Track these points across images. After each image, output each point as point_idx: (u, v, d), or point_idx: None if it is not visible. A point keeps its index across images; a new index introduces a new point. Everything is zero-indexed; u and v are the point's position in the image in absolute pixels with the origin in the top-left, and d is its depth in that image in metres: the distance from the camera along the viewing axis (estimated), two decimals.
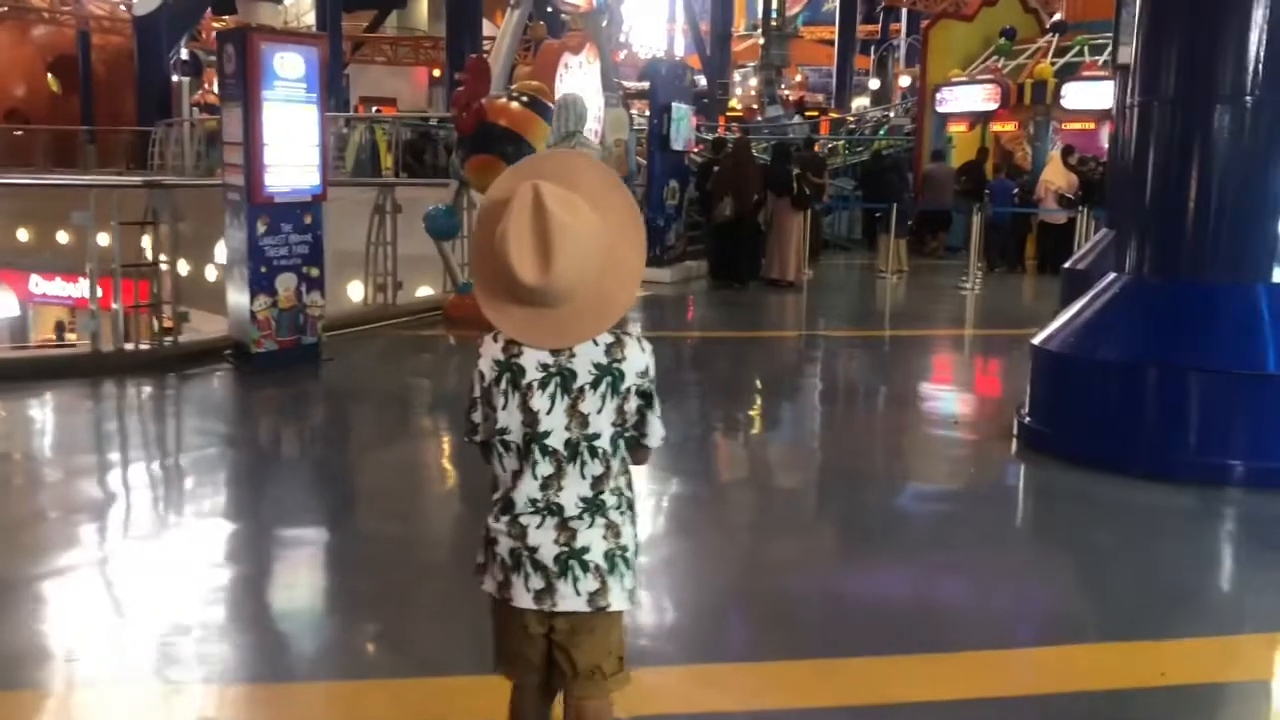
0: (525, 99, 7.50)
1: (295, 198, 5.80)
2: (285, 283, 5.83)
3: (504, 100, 7.50)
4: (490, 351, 1.78)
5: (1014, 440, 5.05)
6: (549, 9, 13.07)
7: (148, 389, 5.78)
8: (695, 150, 14.06)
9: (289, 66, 5.56)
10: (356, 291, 8.12)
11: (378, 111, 23.93)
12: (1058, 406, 4.84)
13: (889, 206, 12.36)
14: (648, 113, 12.32)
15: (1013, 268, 13.44)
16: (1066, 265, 9.04)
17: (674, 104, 11.43)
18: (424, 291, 8.76)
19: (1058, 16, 16.98)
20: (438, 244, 7.88)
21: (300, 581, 3.48)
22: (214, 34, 24.20)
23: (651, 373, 1.82)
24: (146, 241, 6.21)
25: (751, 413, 6.13)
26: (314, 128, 5.77)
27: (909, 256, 12.97)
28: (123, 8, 25.55)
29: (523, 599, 1.78)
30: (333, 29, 22.42)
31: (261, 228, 5.66)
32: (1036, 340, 4.99)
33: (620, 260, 1.74)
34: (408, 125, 16.61)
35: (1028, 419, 4.96)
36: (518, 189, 1.67)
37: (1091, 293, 4.94)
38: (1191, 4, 4.60)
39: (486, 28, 23.06)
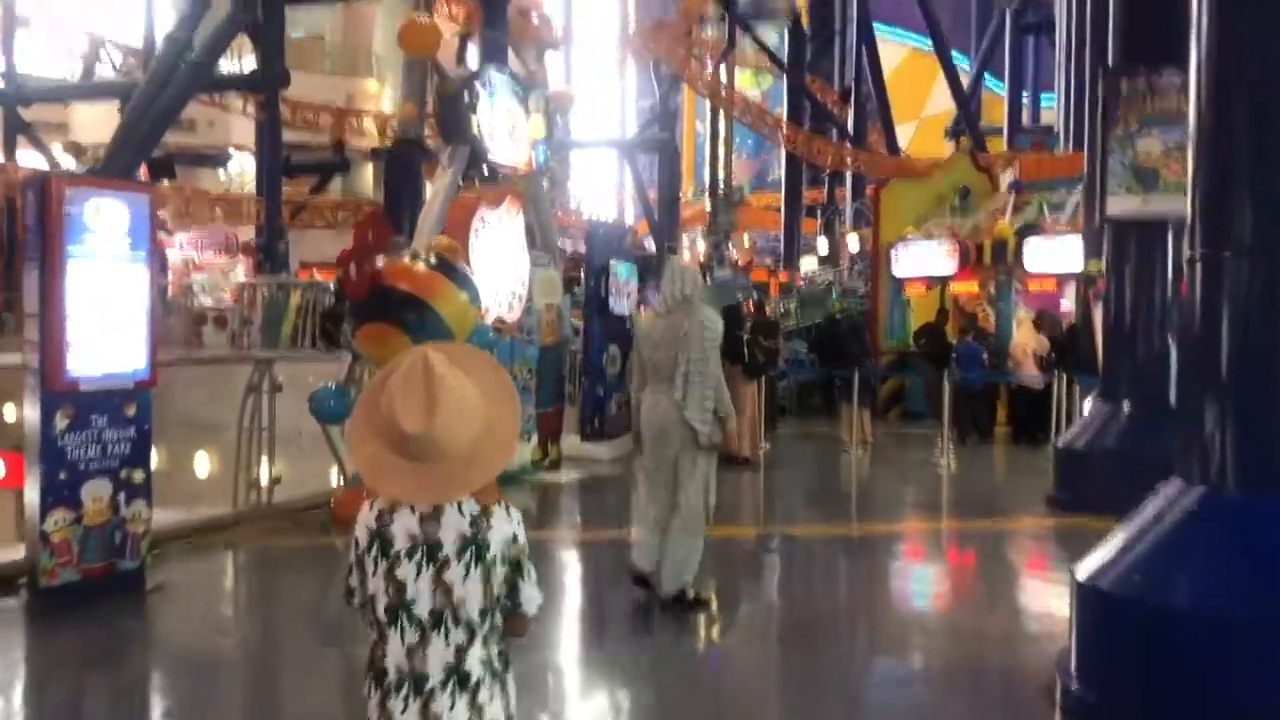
0: (432, 259, 6.36)
1: (111, 384, 4.55)
2: (95, 492, 4.51)
3: (406, 261, 6.35)
4: (364, 519, 1.90)
5: (1057, 713, 3.74)
6: (485, 169, 12.26)
7: None
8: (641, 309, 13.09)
9: (107, 218, 4.40)
10: (222, 489, 6.77)
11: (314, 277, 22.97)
12: (1118, 670, 3.55)
13: (849, 373, 11.34)
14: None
15: (985, 438, 12.39)
16: (1061, 444, 7.94)
17: (613, 262, 10.45)
18: (306, 487, 7.40)
19: (1011, 175, 16.52)
20: (325, 429, 6.61)
21: None
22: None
23: (521, 540, 1.90)
24: None
25: (695, 646, 4.81)
26: (140, 294, 4.57)
27: (873, 426, 11.89)
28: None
29: None
30: (270, 193, 21.62)
31: (62, 422, 4.39)
32: (1082, 574, 3.71)
33: (496, 427, 1.87)
34: (326, 290, 15.51)
35: (1075, 685, 3.66)
36: (407, 356, 1.84)
37: (1151, 511, 3.71)
38: None
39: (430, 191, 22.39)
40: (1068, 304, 14.76)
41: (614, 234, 11.39)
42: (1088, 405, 10.43)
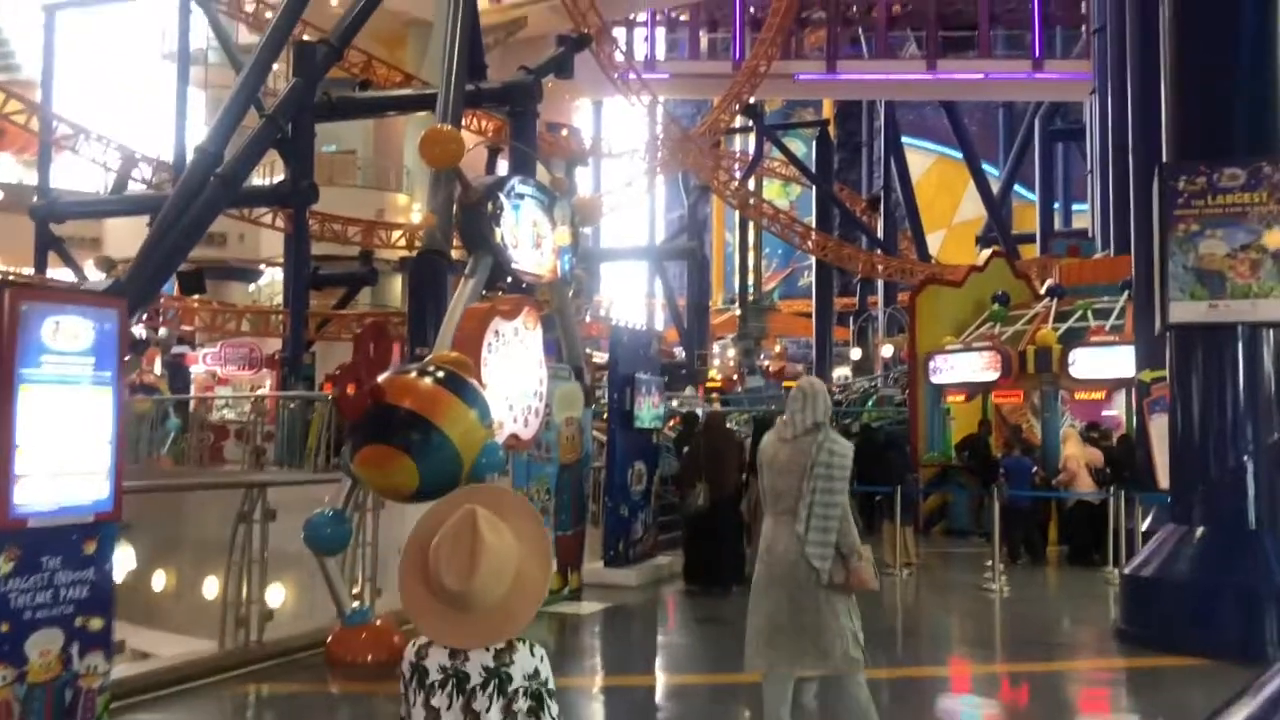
0: (439, 374, 5.88)
1: (67, 518, 4.06)
2: (43, 644, 3.98)
3: (410, 375, 5.88)
4: (408, 653, 2.11)
5: None
6: (509, 279, 11.94)
7: None
8: (668, 427, 12.60)
9: (68, 336, 3.97)
10: (207, 627, 6.22)
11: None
12: None
13: (891, 490, 10.71)
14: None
15: (1038, 559, 11.62)
16: (1128, 571, 7.24)
17: (638, 376, 9.96)
18: (306, 623, 6.83)
19: (1050, 281, 16.03)
20: (320, 560, 6.06)
21: None
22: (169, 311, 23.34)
23: (544, 675, 2.07)
24: None
25: None
26: (106, 419, 4.11)
27: (918, 546, 11.18)
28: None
29: None
30: (296, 306, 21.50)
31: (5, 565, 3.89)
32: None
33: (527, 581, 2.08)
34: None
35: None
36: (458, 509, 2.06)
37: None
38: None
39: None
40: (1114, 412, 14.12)
41: (639, 341, 10.93)
42: (1147, 524, 9.77)
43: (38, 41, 24.57)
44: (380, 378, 5.76)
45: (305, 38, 22.10)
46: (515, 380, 7.03)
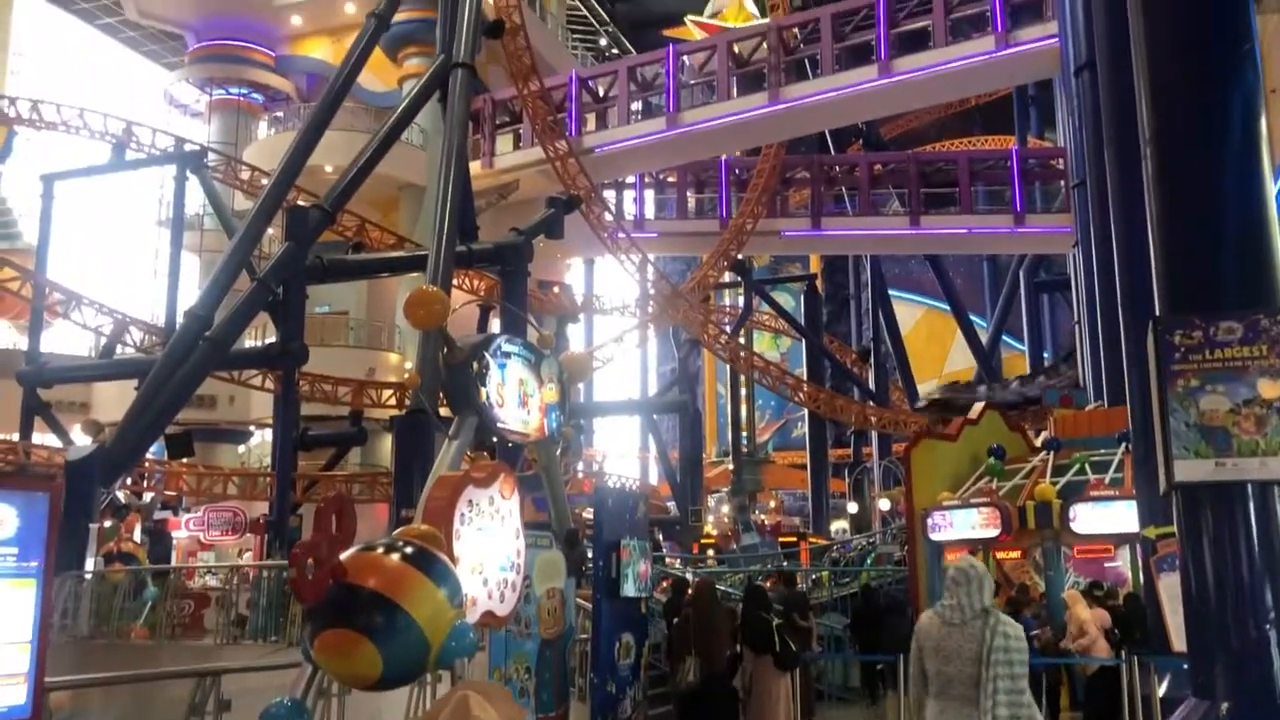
0: (407, 549, 5.54)
1: None
2: None
3: (376, 551, 5.54)
4: None
5: None
6: (494, 439, 11.71)
7: None
8: (659, 590, 12.14)
9: None
10: None
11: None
12: None
13: (894, 656, 10.23)
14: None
15: None
16: None
17: (625, 541, 9.59)
18: None
19: (1047, 434, 15.82)
20: None
21: None
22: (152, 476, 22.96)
23: None
24: None
25: None
26: (27, 617, 3.77)
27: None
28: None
29: None
30: (282, 469, 21.17)
31: None
32: None
33: None
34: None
35: None
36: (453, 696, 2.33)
37: None
38: None
39: None
40: (1118, 564, 13.72)
41: (625, 503, 10.59)
42: (1164, 689, 9.26)
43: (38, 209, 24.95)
44: (343, 555, 5.43)
45: (299, 202, 22.49)
46: (490, 553, 6.69)
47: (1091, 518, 12.74)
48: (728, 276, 36.31)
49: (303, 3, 33.92)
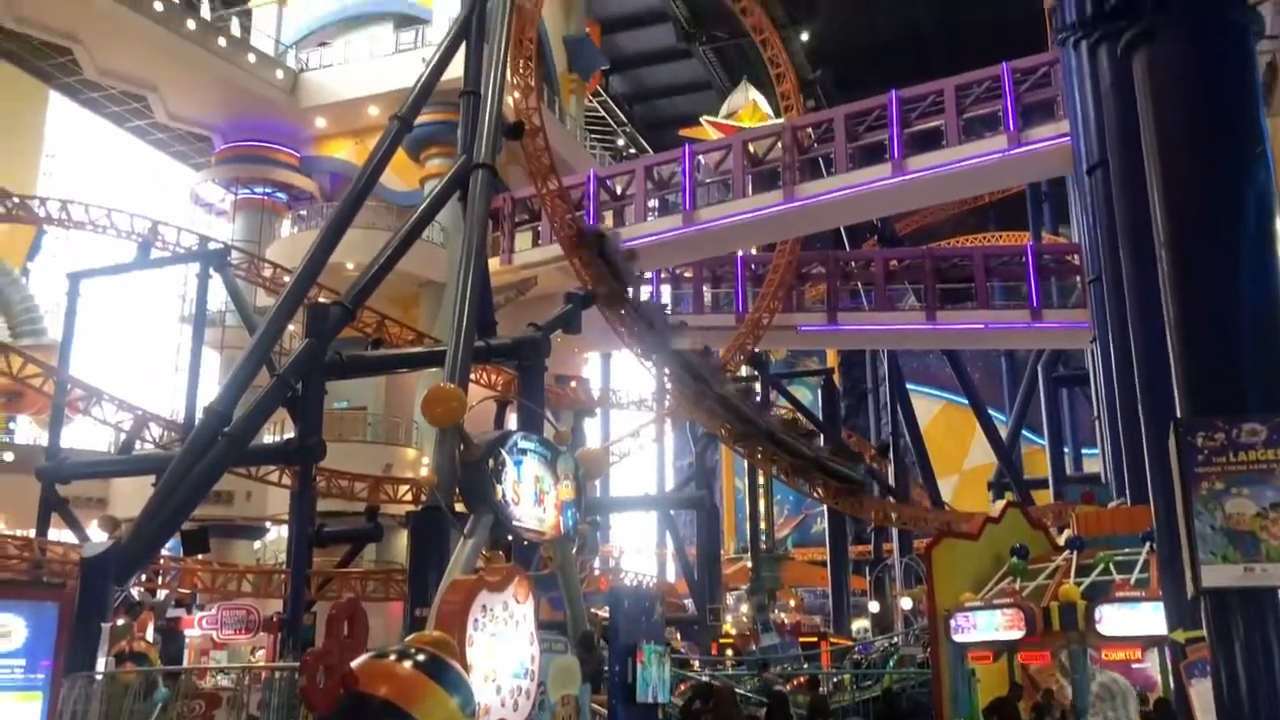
0: (419, 656, 5.48)
1: None
2: None
3: (389, 659, 5.47)
4: None
5: None
6: (509, 537, 11.61)
7: None
8: (676, 694, 11.89)
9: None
10: None
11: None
12: None
13: None
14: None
15: None
16: None
17: (643, 645, 9.44)
18: None
19: (1069, 532, 15.59)
20: None
21: None
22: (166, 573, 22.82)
23: None
24: None
25: None
26: None
27: None
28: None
29: None
30: (297, 567, 21.02)
31: None
32: None
33: None
34: None
35: None
36: None
37: None
38: None
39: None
40: (1145, 665, 13.37)
41: (641, 604, 10.44)
42: None
43: (63, 307, 25.33)
44: (355, 662, 5.35)
45: (320, 299, 22.74)
46: (504, 659, 6.59)
47: (1118, 619, 12.46)
48: (745, 371, 36.35)
49: (327, 105, 34.81)
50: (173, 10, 31.26)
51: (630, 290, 23.89)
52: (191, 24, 31.74)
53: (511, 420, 27.23)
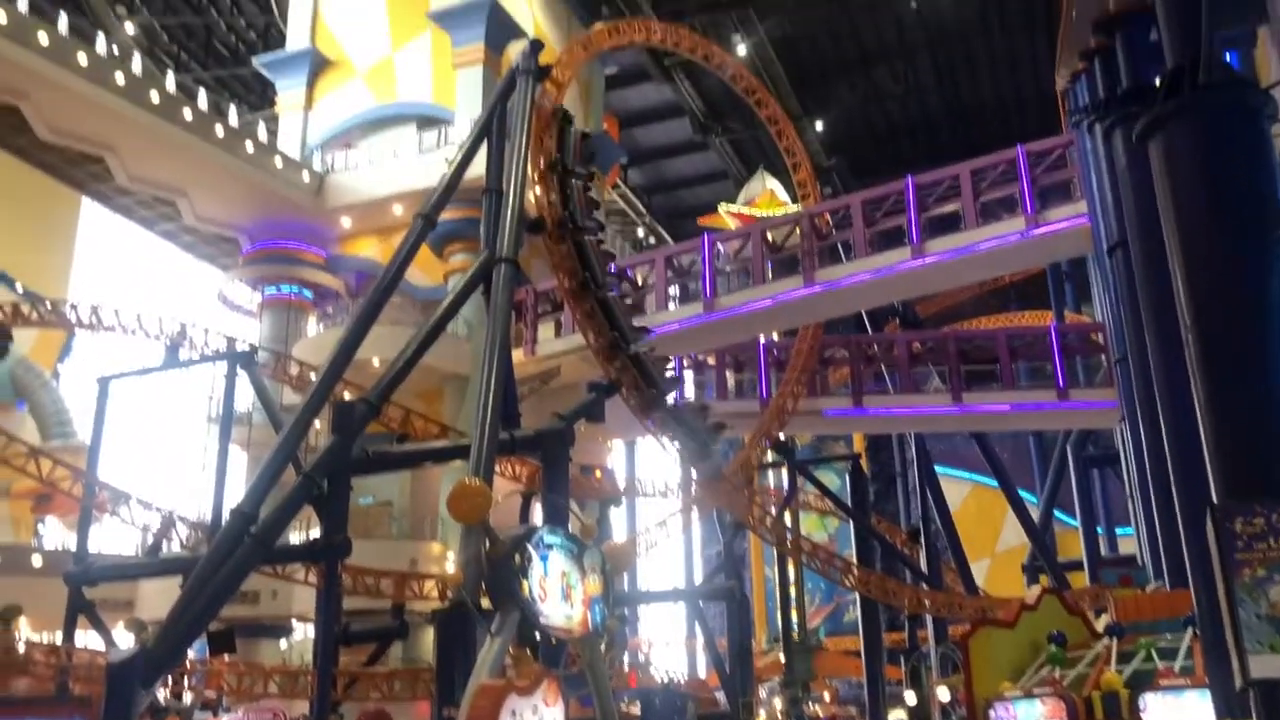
0: None
1: None
2: None
3: None
4: None
5: None
6: (534, 630, 11.46)
7: None
8: None
9: None
10: None
11: None
12: None
13: None
14: None
15: None
16: None
17: None
18: None
19: (1110, 619, 15.26)
20: None
21: None
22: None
23: None
24: None
25: None
26: None
27: None
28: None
29: None
30: (323, 667, 20.80)
31: None
32: None
33: None
34: None
35: None
36: None
37: None
38: None
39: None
40: None
41: (673, 704, 10.25)
42: None
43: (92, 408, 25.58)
44: None
45: (345, 395, 22.88)
46: None
47: (1163, 708, 12.13)
48: (771, 457, 36.12)
49: (353, 205, 35.47)
50: (202, 118, 32.12)
51: (665, 396, 23.79)
52: (220, 130, 32.56)
53: (537, 512, 27.09)
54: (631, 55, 41.81)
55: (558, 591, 8.52)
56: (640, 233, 55.73)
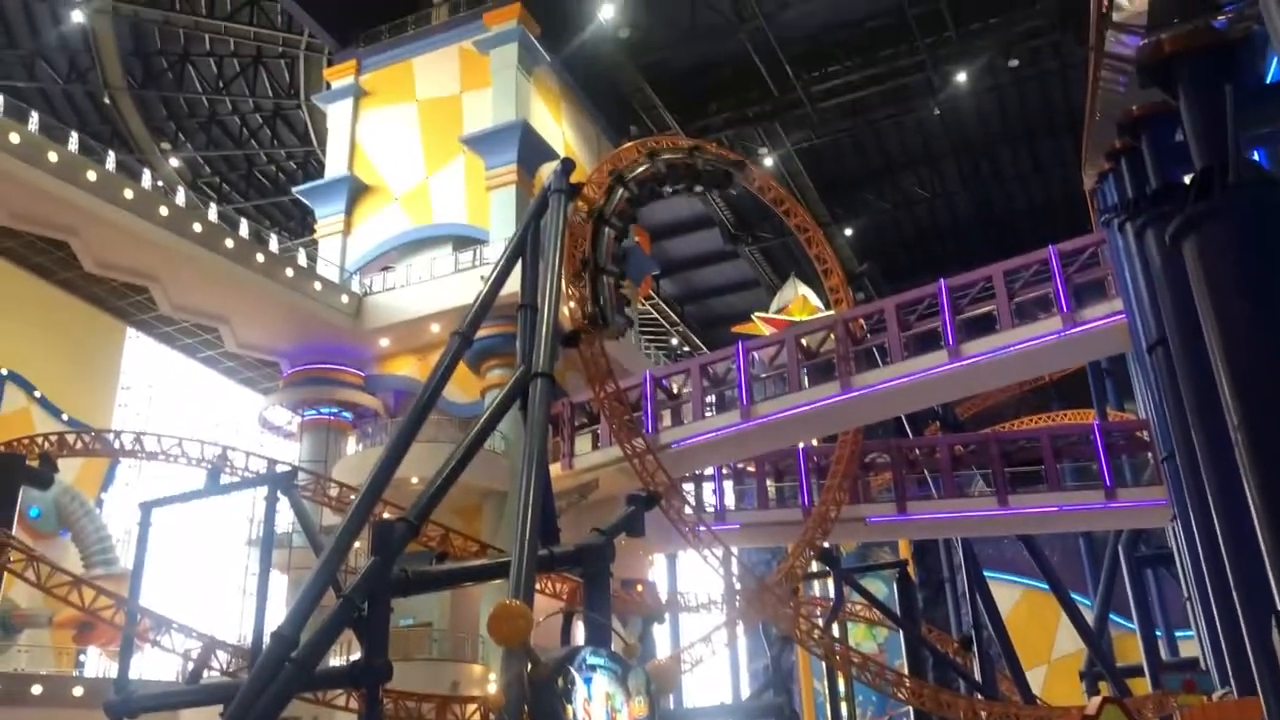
0: None
1: None
2: None
3: None
4: None
5: None
6: None
7: None
8: None
9: None
10: None
11: None
12: None
13: None
14: None
15: None
16: None
17: None
18: None
19: None
20: None
21: None
22: None
23: None
24: None
25: None
26: None
27: None
28: None
29: None
30: None
31: None
32: None
33: None
34: None
35: None
36: None
37: None
38: None
39: None
40: None
41: None
42: None
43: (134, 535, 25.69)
44: None
45: (385, 515, 22.85)
46: None
47: None
48: (815, 566, 35.48)
49: (391, 325, 36.03)
50: (243, 246, 32.99)
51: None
52: (260, 258, 33.38)
53: (579, 631, 26.68)
54: None
55: (602, 714, 8.35)
56: (674, 341, 56.07)
